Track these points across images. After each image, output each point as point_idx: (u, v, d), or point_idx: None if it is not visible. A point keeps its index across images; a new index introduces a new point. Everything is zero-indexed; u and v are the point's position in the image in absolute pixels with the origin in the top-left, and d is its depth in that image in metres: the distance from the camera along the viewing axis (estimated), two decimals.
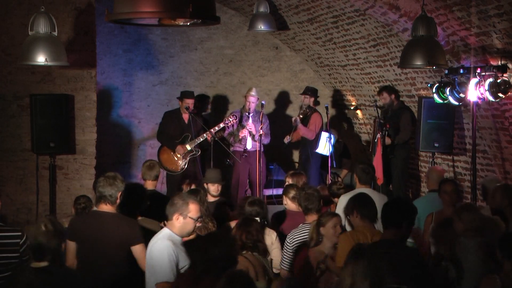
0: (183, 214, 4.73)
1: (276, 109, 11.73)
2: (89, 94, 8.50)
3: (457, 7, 6.55)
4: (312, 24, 9.75)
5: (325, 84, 11.82)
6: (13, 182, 8.25)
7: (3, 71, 8.19)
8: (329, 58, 10.65)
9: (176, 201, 4.78)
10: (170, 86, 11.15)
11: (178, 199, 4.80)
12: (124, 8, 4.44)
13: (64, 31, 8.14)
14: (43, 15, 6.77)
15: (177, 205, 4.75)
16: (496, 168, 7.80)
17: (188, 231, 4.81)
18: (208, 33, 11.27)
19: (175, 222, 4.75)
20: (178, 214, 4.73)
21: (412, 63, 6.75)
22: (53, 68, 8.06)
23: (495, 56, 6.76)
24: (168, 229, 4.80)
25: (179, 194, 5.02)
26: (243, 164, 9.86)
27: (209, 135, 9.43)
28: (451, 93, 7.38)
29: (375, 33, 8.61)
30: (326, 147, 9.61)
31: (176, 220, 4.74)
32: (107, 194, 5.12)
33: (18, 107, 8.25)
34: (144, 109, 11.11)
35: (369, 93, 10.42)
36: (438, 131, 8.54)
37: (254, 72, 11.63)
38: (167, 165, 9.52)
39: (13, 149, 8.26)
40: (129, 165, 11.05)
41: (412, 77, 8.90)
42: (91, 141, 8.55)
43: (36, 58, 6.70)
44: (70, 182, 8.45)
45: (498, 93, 6.68)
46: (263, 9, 9.44)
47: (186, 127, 9.65)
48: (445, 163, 9.01)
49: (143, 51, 11.05)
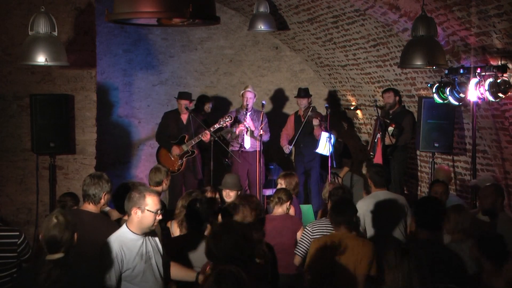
0: (141, 208, 4.60)
1: (276, 109, 11.73)
2: (89, 94, 8.50)
3: (457, 7, 6.55)
4: (312, 24, 9.75)
5: (325, 84, 11.82)
6: (13, 182, 8.24)
7: (3, 71, 8.18)
8: (329, 58, 10.65)
9: (133, 195, 4.65)
10: (170, 86, 11.15)
11: (134, 192, 4.67)
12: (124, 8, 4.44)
13: (64, 31, 8.14)
14: (43, 15, 6.77)
15: (134, 198, 4.62)
16: (496, 168, 7.80)
17: (148, 225, 4.64)
18: (208, 33, 11.27)
19: (133, 216, 4.62)
20: (136, 208, 4.60)
21: (412, 63, 6.75)
22: (53, 68, 8.06)
23: (495, 56, 6.76)
24: (125, 226, 4.68)
25: (135, 187, 4.88)
26: (242, 164, 9.87)
27: (206, 136, 9.45)
28: (451, 93, 7.38)
29: (375, 33, 8.61)
30: (326, 147, 9.61)
31: (134, 214, 4.61)
32: (90, 194, 5.12)
33: (18, 107, 8.24)
34: (144, 109, 11.11)
35: (369, 93, 10.42)
36: (438, 131, 8.54)
37: (254, 72, 11.63)
38: (164, 165, 9.55)
39: (13, 149, 8.26)
40: (129, 165, 11.05)
41: (412, 77, 8.90)
42: (91, 141, 8.55)
43: (36, 58, 6.70)
44: (70, 182, 8.44)
45: (498, 93, 6.68)
46: (263, 9, 9.45)
47: (184, 128, 9.68)
48: (445, 163, 9.01)
49: (143, 51, 11.05)
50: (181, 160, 9.61)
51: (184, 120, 9.74)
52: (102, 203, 5.19)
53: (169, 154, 9.64)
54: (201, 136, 9.49)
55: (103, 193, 5.14)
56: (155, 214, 4.62)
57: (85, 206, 5.18)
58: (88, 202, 5.15)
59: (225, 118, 9.74)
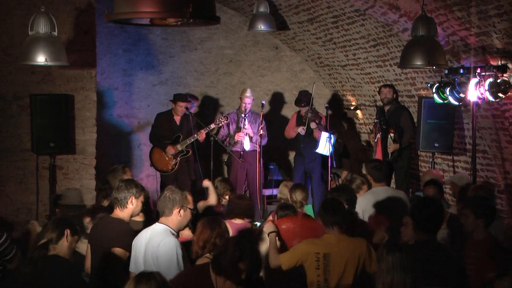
0: (183, 207, 4.69)
1: (276, 109, 11.73)
2: (89, 94, 8.50)
3: (457, 7, 6.54)
4: (312, 24, 9.74)
5: (325, 84, 11.81)
6: (13, 182, 8.24)
7: (3, 71, 8.18)
8: (329, 58, 10.65)
9: (175, 195, 4.71)
10: (170, 86, 11.15)
11: (173, 193, 4.72)
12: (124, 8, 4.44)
13: (64, 31, 8.13)
14: (43, 15, 6.77)
15: (177, 198, 4.70)
16: (496, 168, 7.80)
17: (186, 223, 4.77)
18: (208, 33, 11.27)
19: (174, 216, 4.69)
20: (179, 207, 4.69)
21: (412, 63, 6.75)
22: (53, 68, 8.06)
23: (495, 56, 6.76)
24: (163, 224, 4.71)
25: (170, 188, 4.88)
26: (242, 164, 9.86)
27: (202, 136, 9.46)
28: (451, 93, 7.38)
29: (375, 33, 8.61)
30: (326, 147, 9.61)
31: (177, 214, 4.69)
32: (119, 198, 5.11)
33: (18, 107, 8.24)
34: (144, 109, 11.10)
35: (369, 93, 10.42)
36: (438, 131, 8.54)
37: (254, 72, 11.62)
38: (158, 165, 9.70)
39: (13, 149, 8.25)
40: (129, 165, 11.03)
41: (412, 77, 8.90)
42: (91, 141, 8.55)
43: (36, 58, 6.69)
44: (70, 182, 8.44)
45: (498, 93, 6.68)
46: (263, 9, 9.45)
47: (178, 129, 9.72)
48: (445, 163, 9.01)
49: (143, 51, 11.05)
50: (175, 160, 9.62)
51: (178, 121, 9.77)
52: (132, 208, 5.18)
53: (163, 154, 9.65)
54: (197, 136, 9.50)
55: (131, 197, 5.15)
56: (192, 211, 4.80)
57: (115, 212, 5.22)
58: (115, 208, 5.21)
59: (220, 118, 9.77)
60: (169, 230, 4.69)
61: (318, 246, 5.22)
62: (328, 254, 5.13)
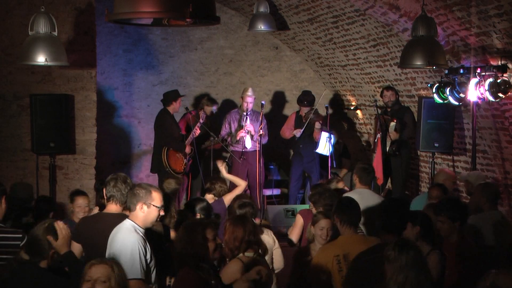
0: (146, 203, 4.66)
1: (276, 109, 11.73)
2: (89, 94, 8.50)
3: (457, 7, 6.55)
4: (312, 24, 9.74)
5: (325, 84, 11.81)
6: (13, 182, 8.24)
7: (3, 71, 8.18)
8: (329, 58, 10.65)
9: (139, 191, 4.69)
10: (170, 86, 11.13)
11: (139, 189, 4.72)
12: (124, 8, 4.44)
13: (64, 31, 8.14)
14: (43, 15, 6.77)
15: (140, 194, 4.67)
16: (496, 168, 7.80)
17: (152, 221, 4.72)
18: (208, 33, 11.27)
19: (138, 212, 4.66)
20: (142, 203, 4.65)
21: (412, 63, 6.75)
22: (53, 68, 8.07)
23: (495, 56, 6.76)
24: (130, 220, 4.70)
25: (139, 184, 4.90)
26: (242, 164, 9.85)
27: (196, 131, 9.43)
28: (451, 93, 7.38)
29: (375, 33, 8.62)
30: (326, 147, 9.61)
31: (140, 209, 4.66)
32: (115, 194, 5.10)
33: (18, 107, 8.24)
34: (144, 109, 11.10)
35: (369, 93, 10.42)
36: (438, 131, 8.53)
37: (254, 72, 11.63)
38: (176, 168, 9.41)
39: (13, 149, 8.26)
40: (129, 165, 11.05)
41: (412, 77, 8.90)
42: (91, 141, 8.55)
43: (36, 58, 6.70)
44: (70, 182, 8.45)
45: (498, 93, 6.68)
46: (263, 9, 9.45)
47: (178, 127, 9.70)
48: (445, 163, 9.01)
49: (143, 51, 11.04)
50: (186, 159, 9.54)
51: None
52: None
53: (177, 155, 9.50)
54: (194, 132, 9.46)
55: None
56: (159, 209, 4.71)
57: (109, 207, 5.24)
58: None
59: (202, 111, 9.69)
60: (135, 226, 4.66)
61: (335, 248, 5.16)
62: (347, 254, 5.05)
